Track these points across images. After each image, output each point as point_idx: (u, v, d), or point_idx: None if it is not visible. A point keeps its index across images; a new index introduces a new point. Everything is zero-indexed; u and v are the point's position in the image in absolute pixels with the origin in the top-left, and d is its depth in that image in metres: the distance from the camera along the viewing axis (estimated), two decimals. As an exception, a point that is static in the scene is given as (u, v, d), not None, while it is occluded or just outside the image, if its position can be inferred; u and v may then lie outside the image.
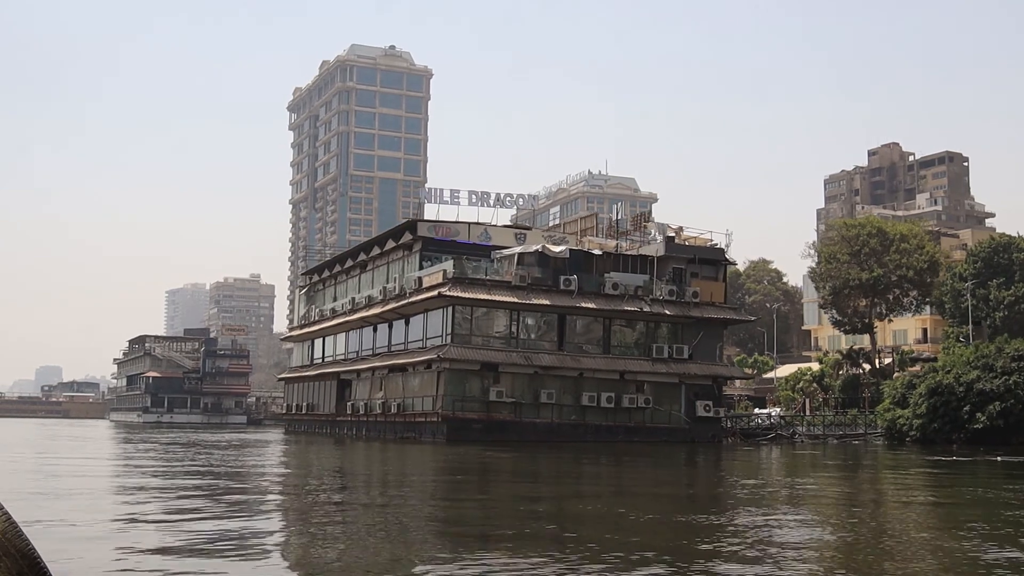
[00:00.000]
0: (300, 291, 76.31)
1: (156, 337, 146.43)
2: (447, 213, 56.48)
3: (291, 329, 77.17)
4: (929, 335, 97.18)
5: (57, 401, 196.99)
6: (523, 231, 55.86)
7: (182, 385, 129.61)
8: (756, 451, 46.03)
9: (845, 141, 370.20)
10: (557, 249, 50.21)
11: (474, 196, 55.94)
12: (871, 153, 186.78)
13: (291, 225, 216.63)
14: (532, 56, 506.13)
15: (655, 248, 52.81)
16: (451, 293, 47.54)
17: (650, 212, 54.13)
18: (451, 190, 55.12)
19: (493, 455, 36.71)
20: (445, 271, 48.80)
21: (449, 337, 48.44)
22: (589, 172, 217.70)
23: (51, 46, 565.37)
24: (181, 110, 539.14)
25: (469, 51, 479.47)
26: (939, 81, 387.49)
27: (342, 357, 63.20)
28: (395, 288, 54.28)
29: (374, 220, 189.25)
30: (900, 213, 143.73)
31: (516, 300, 48.68)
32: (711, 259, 54.02)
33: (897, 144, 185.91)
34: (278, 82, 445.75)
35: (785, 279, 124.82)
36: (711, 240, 54.97)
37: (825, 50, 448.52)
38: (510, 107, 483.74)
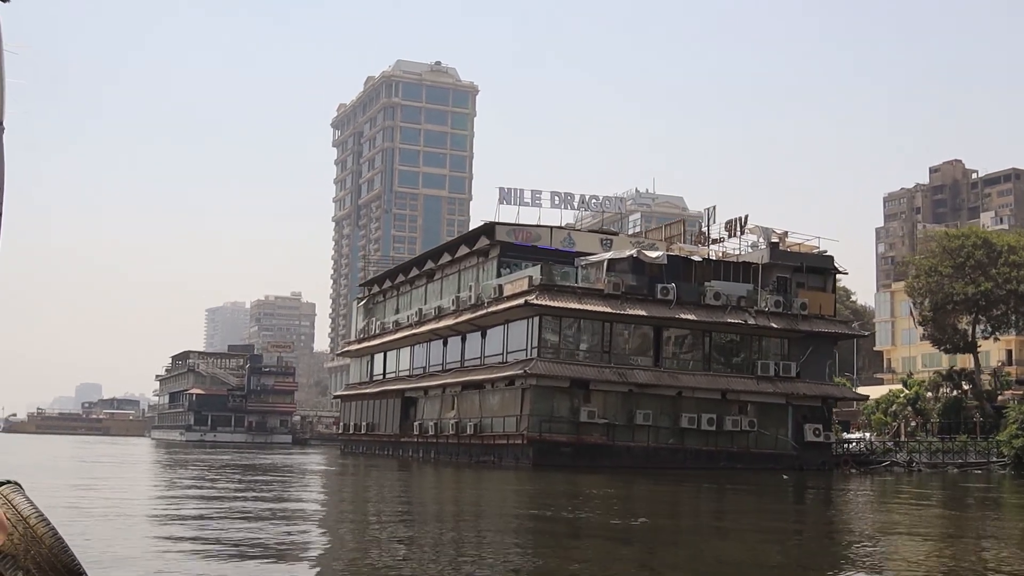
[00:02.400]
0: (358, 303, 72.00)
1: (200, 353, 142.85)
2: (525, 216, 52.03)
3: (348, 343, 72.87)
4: (1015, 357, 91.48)
5: (97, 418, 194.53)
6: (609, 236, 51.21)
7: (226, 403, 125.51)
8: (882, 482, 40.91)
9: (901, 160, 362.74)
10: (654, 255, 45.49)
11: (556, 198, 51.36)
12: (932, 170, 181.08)
13: (334, 243, 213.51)
14: (572, 73, 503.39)
15: (759, 255, 47.93)
16: (538, 301, 42.89)
17: (746, 217, 49.06)
18: (532, 191, 50.58)
19: (587, 486, 32.18)
20: (531, 277, 44.19)
21: (535, 351, 43.78)
22: (636, 190, 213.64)
23: (88, 67, 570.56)
24: (223, 128, 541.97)
25: (506, 68, 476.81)
26: (1002, 97, 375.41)
27: (407, 373, 58.68)
28: (470, 297, 49.75)
29: (418, 238, 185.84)
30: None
31: (609, 310, 43.94)
32: (819, 268, 49.08)
33: (960, 161, 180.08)
34: (321, 99, 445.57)
35: (853, 298, 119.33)
36: (817, 247, 49.98)
37: (878, 68, 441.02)
38: (551, 124, 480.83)
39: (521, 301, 43.32)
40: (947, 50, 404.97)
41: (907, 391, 69.57)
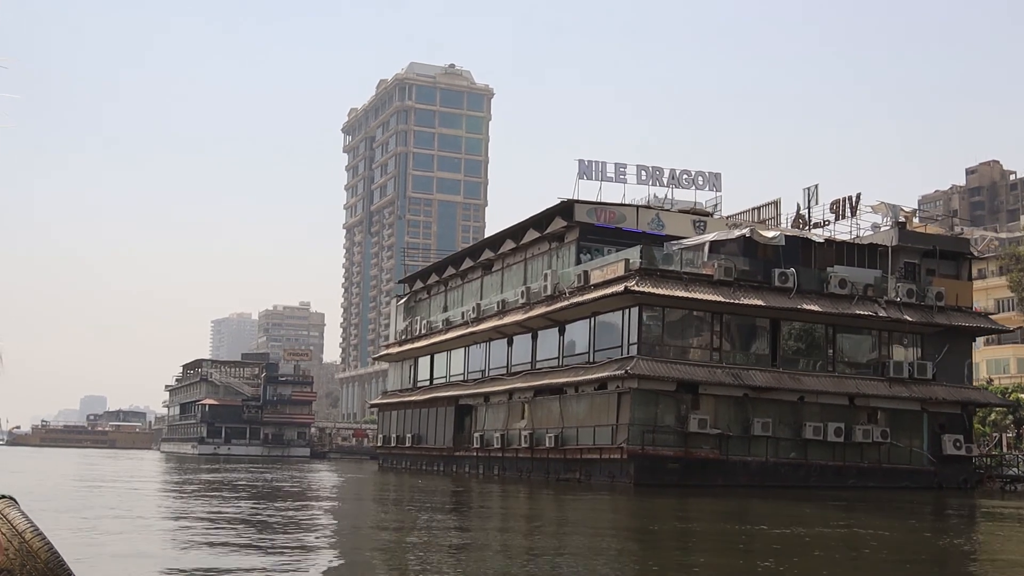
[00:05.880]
0: (398, 302, 65.11)
1: (213, 362, 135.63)
2: (608, 193, 45.39)
3: (387, 345, 65.91)
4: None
5: (103, 431, 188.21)
6: (703, 218, 44.48)
7: (241, 414, 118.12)
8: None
9: (935, 162, 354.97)
10: (770, 235, 38.72)
11: (644, 172, 44.73)
12: (969, 172, 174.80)
13: (345, 251, 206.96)
14: (572, 76, 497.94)
15: (887, 236, 41.09)
16: (640, 288, 36.00)
17: (858, 195, 42.25)
18: (616, 164, 43.90)
19: (716, 517, 25.58)
20: (628, 260, 37.31)
21: (634, 347, 36.86)
22: (655, 195, 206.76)
23: (92, 76, 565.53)
24: (230, 134, 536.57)
25: (515, 74, 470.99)
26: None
27: (461, 378, 51.72)
28: (544, 288, 42.85)
29: (432, 244, 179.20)
30: (1003, 235, 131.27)
31: (721, 299, 37.07)
32: (953, 252, 42.28)
33: (997, 162, 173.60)
34: (331, 104, 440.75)
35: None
36: (946, 229, 43.16)
37: (905, 69, 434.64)
38: (558, 129, 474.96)
39: (620, 288, 36.39)
40: (978, 50, 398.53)
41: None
